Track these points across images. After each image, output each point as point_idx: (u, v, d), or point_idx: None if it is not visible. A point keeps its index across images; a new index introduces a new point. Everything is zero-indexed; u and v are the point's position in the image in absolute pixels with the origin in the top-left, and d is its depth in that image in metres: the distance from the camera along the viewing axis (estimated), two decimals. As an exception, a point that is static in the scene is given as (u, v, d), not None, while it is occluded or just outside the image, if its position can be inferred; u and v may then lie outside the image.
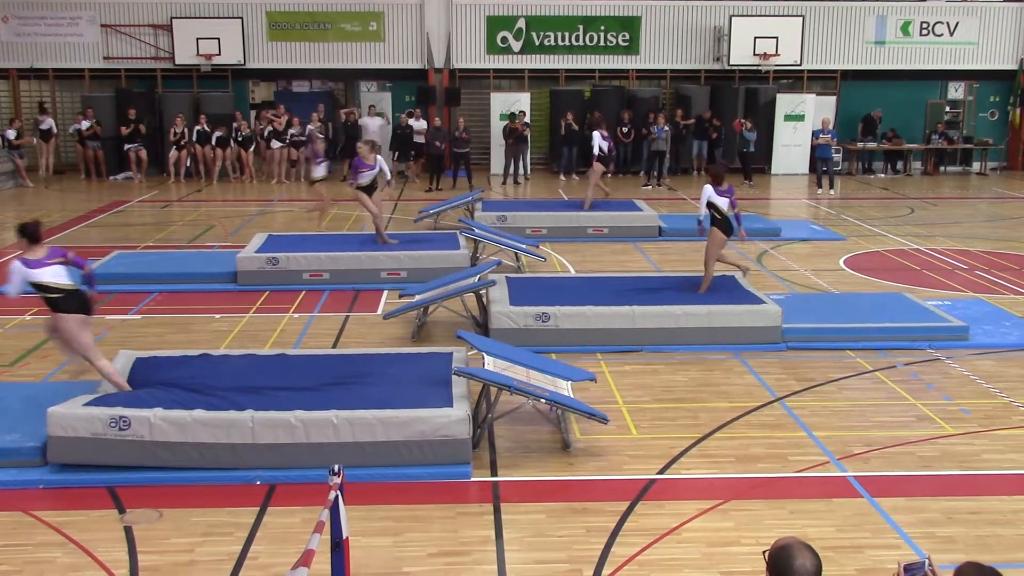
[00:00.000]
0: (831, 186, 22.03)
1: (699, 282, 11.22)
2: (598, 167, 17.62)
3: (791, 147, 25.07)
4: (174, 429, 6.90)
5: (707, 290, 10.93)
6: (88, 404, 7.07)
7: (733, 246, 12.01)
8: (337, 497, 4.60)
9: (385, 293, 12.36)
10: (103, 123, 23.30)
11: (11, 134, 22.47)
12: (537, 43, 25.21)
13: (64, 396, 7.41)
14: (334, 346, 10.26)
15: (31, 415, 7.27)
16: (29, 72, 24.76)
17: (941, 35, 25.81)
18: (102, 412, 6.91)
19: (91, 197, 20.89)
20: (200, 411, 6.98)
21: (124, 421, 6.86)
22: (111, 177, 23.51)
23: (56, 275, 7.70)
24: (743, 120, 23.46)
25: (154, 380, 7.84)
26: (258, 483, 6.89)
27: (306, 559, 4.03)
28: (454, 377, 7.71)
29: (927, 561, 3.56)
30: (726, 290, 10.96)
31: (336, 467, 4.74)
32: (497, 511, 6.57)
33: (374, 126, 23.79)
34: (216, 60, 24.27)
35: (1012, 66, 26.13)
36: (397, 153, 23.51)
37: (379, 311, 11.59)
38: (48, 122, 23.49)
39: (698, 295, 10.74)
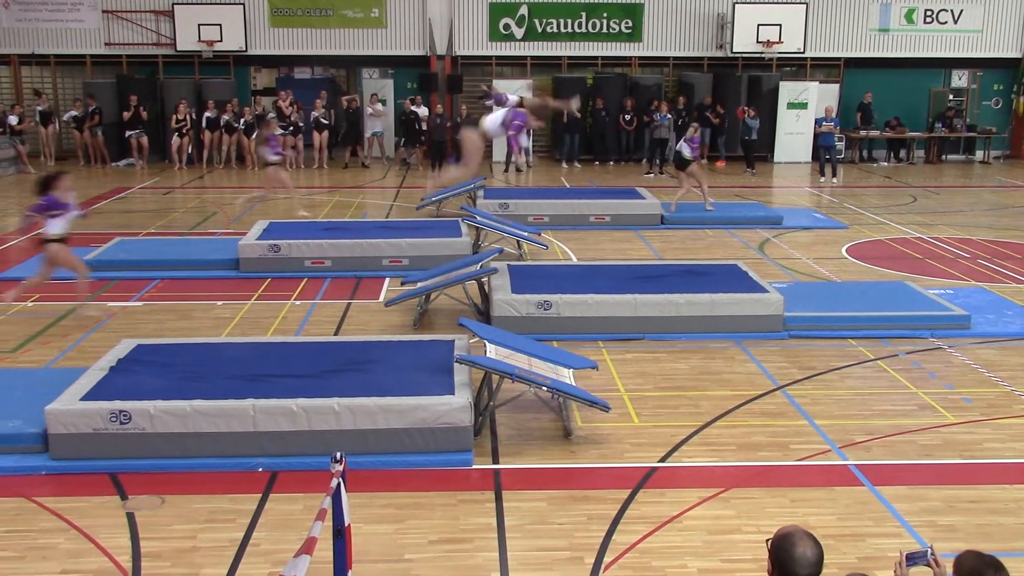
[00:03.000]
0: (834, 174, 21.99)
1: (702, 269, 11.21)
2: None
3: (794, 135, 25.00)
4: (175, 420, 6.90)
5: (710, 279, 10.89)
6: (85, 398, 7.07)
7: (737, 235, 11.89)
8: (339, 484, 4.60)
9: (387, 280, 12.36)
10: (103, 110, 23.27)
11: (13, 120, 22.45)
12: (539, 30, 25.14)
13: (65, 383, 7.42)
14: (336, 333, 10.26)
15: (33, 401, 7.27)
16: (30, 58, 24.71)
17: (945, 23, 25.72)
18: (101, 407, 6.91)
19: (93, 183, 20.87)
20: (200, 401, 6.99)
21: (124, 415, 6.86)
22: (113, 164, 23.51)
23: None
24: (746, 108, 23.40)
25: (155, 367, 7.85)
26: (260, 470, 6.90)
27: (308, 546, 4.03)
28: (456, 365, 7.71)
29: (930, 550, 3.56)
30: (728, 278, 10.94)
31: (338, 454, 4.74)
32: (499, 499, 6.58)
33: (378, 109, 23.76)
34: (218, 46, 24.21)
35: (1016, 54, 26.04)
36: (403, 139, 23.54)
37: (381, 298, 11.58)
38: (44, 106, 23.50)
39: (700, 283, 10.70)
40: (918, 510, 6.41)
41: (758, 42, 24.59)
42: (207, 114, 23.10)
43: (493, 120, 13.24)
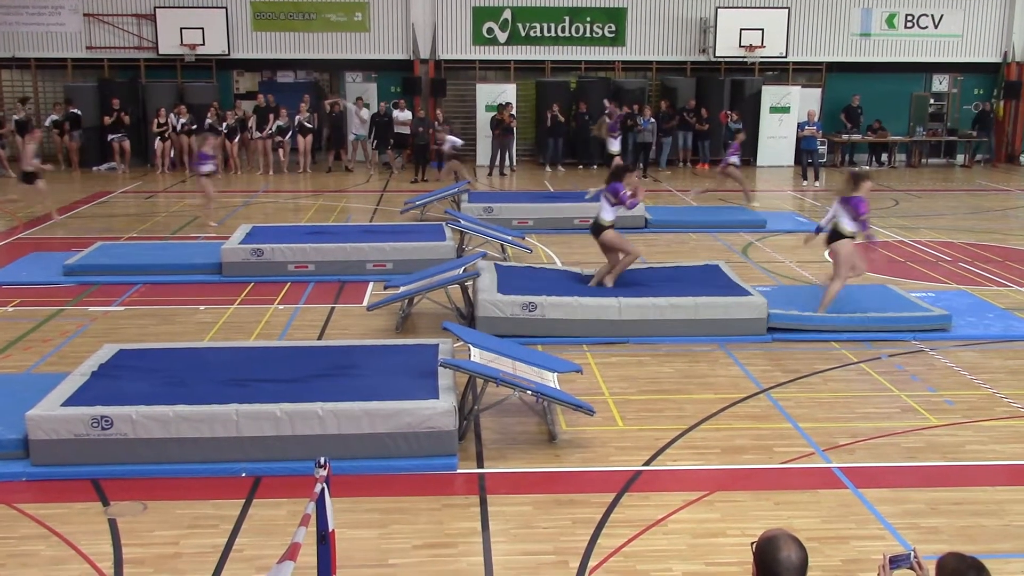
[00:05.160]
0: (816, 178, 22.10)
1: (685, 273, 11.24)
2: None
3: (777, 139, 25.13)
4: (157, 425, 6.85)
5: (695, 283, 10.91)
6: (66, 403, 7.02)
7: (720, 238, 11.92)
8: (323, 489, 4.58)
9: (371, 285, 12.33)
10: (84, 113, 23.13)
11: (-7, 124, 22.32)
12: (523, 34, 25.16)
13: (46, 389, 7.36)
14: (319, 338, 10.22)
15: (14, 407, 7.21)
16: (11, 62, 24.56)
17: (926, 27, 25.91)
18: (83, 412, 6.85)
19: (74, 188, 20.75)
20: (183, 406, 6.95)
21: (106, 420, 6.81)
22: (95, 168, 23.38)
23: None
24: (729, 112, 23.48)
25: (137, 372, 7.80)
26: (243, 475, 6.87)
27: (292, 552, 4.01)
28: (440, 369, 7.69)
29: (912, 552, 3.57)
30: (712, 281, 10.97)
31: (322, 459, 4.72)
32: (483, 503, 6.57)
33: (364, 116, 23.72)
34: (200, 50, 24.14)
35: (996, 59, 26.25)
36: (376, 142, 23.52)
37: (365, 303, 11.55)
38: (21, 116, 23.28)
39: (684, 286, 10.71)
40: (901, 512, 6.43)
41: (741, 46, 24.70)
42: (181, 120, 22.99)
43: None
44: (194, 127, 22.98)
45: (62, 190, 20.22)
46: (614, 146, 18.49)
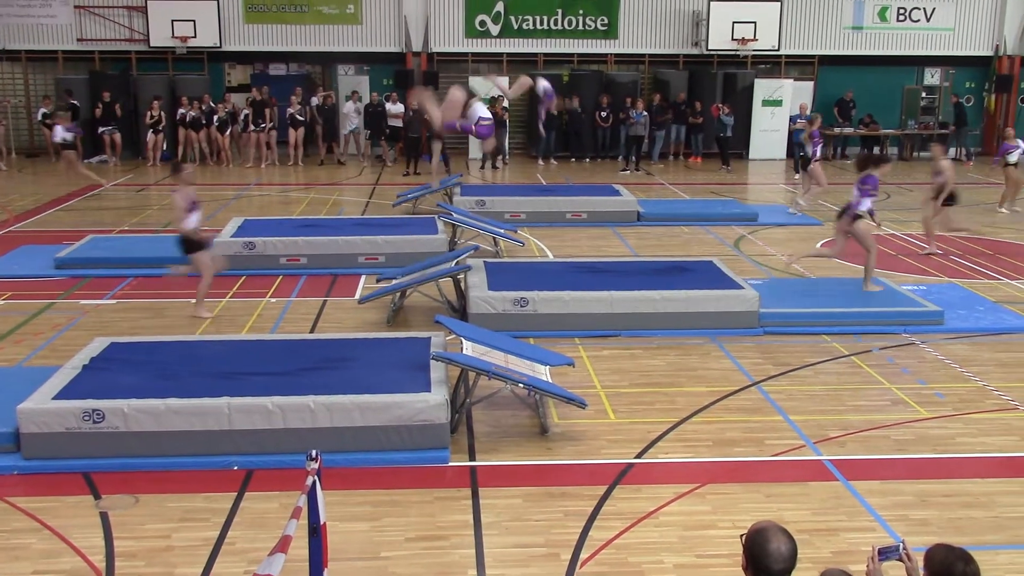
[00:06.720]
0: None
1: (677, 266, 11.26)
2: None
3: (769, 132, 25.13)
4: (149, 419, 6.85)
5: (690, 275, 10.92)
6: (58, 397, 7.01)
7: (712, 231, 11.91)
8: (314, 482, 4.59)
9: (363, 278, 12.32)
10: (78, 107, 23.01)
11: (-17, 116, 22.17)
12: (515, 27, 25.13)
13: (38, 382, 7.35)
14: (311, 331, 10.22)
15: (5, 400, 7.19)
16: (1, 54, 24.43)
17: (918, 20, 25.93)
18: (74, 406, 6.85)
19: (65, 181, 20.64)
20: (174, 399, 6.94)
21: (98, 414, 6.81)
22: (86, 160, 23.26)
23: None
24: (721, 105, 23.49)
25: (129, 366, 7.79)
26: (235, 468, 6.87)
27: (283, 545, 4.02)
28: (432, 362, 7.70)
29: (902, 544, 3.59)
30: (704, 275, 10.99)
31: (313, 452, 4.73)
32: (475, 495, 6.58)
33: (350, 109, 23.66)
34: (192, 43, 24.03)
35: (988, 52, 26.28)
36: (369, 132, 23.51)
37: (357, 296, 11.55)
38: None
39: (676, 279, 10.73)
40: (891, 504, 6.47)
41: (733, 39, 24.69)
42: (181, 110, 22.92)
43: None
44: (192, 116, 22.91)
45: (53, 183, 20.14)
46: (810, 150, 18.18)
